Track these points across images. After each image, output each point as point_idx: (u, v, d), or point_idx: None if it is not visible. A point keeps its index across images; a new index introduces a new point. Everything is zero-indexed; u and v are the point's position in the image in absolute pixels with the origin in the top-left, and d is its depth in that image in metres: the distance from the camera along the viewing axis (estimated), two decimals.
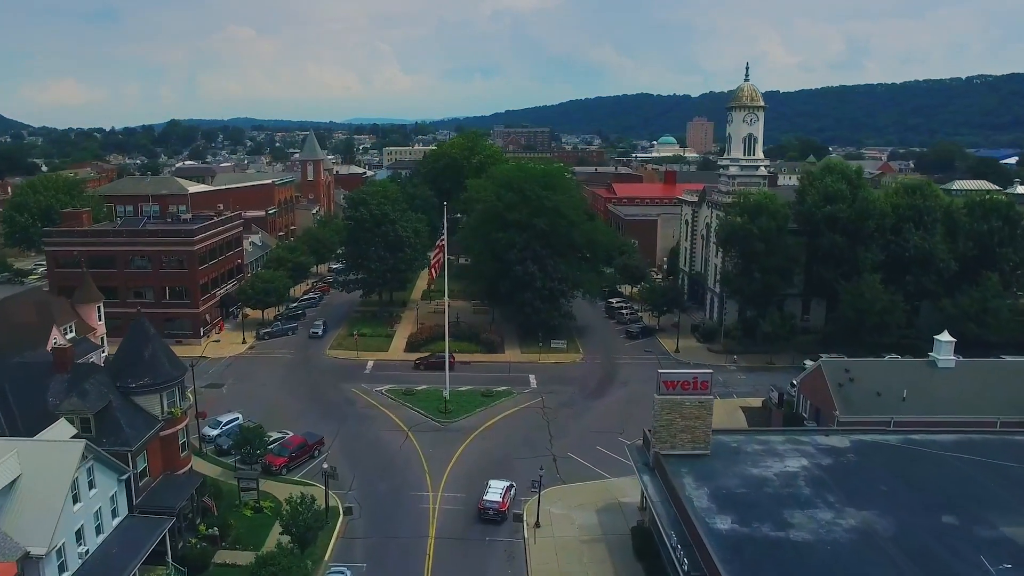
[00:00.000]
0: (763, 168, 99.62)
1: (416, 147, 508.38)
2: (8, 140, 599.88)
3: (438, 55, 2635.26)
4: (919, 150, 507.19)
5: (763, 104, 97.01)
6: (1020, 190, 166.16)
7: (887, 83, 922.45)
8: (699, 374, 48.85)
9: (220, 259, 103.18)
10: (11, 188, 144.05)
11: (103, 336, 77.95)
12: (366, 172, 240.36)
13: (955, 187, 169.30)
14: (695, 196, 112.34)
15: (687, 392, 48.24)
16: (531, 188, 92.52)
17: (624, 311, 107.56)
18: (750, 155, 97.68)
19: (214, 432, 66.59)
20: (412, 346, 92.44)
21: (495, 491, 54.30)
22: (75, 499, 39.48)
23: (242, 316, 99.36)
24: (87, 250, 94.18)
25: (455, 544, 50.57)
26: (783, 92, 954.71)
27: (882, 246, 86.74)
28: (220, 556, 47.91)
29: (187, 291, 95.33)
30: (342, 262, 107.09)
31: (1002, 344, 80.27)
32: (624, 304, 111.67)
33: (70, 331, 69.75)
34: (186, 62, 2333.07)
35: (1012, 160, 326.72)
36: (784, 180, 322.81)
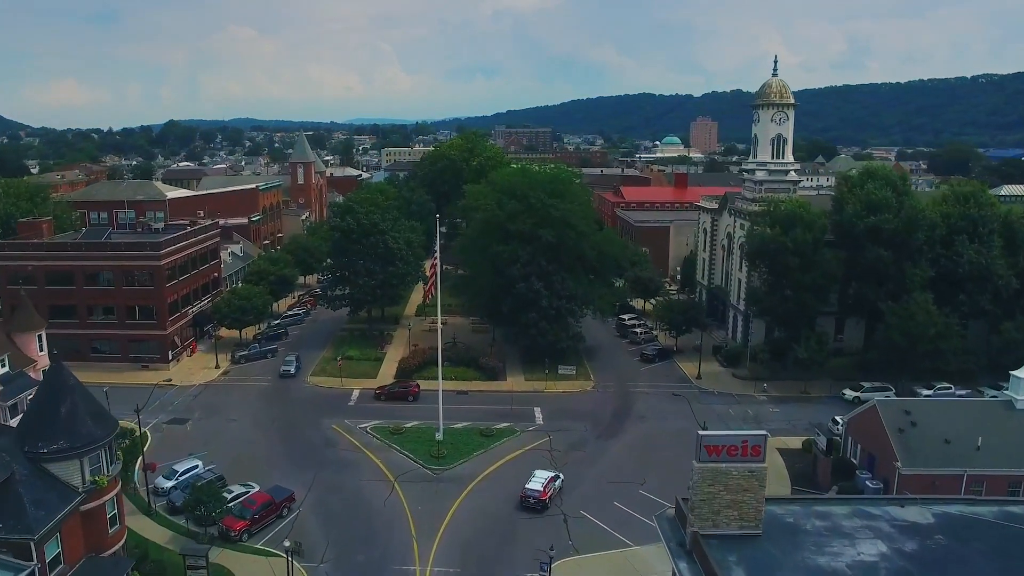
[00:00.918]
0: (793, 172, 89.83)
1: (416, 147, 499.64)
2: (5, 141, 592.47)
3: (439, 55, 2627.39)
4: (927, 150, 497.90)
5: (793, 101, 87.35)
6: None
7: (891, 82, 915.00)
8: (749, 437, 38.99)
9: (193, 273, 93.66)
10: None
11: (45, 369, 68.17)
12: (361, 174, 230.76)
13: (1003, 192, 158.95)
14: (714, 202, 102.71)
15: (735, 459, 38.55)
16: (536, 196, 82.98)
17: (638, 329, 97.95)
18: (779, 158, 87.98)
19: (168, 484, 57.05)
20: (403, 372, 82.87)
21: (538, 480, 55.74)
22: None
23: (215, 338, 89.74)
24: (43, 265, 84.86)
25: None
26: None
27: (931, 261, 77.20)
28: None
29: (154, 310, 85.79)
30: (326, 275, 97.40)
31: None
32: (637, 321, 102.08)
33: (3, 365, 60.18)
34: (187, 62, 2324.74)
35: None
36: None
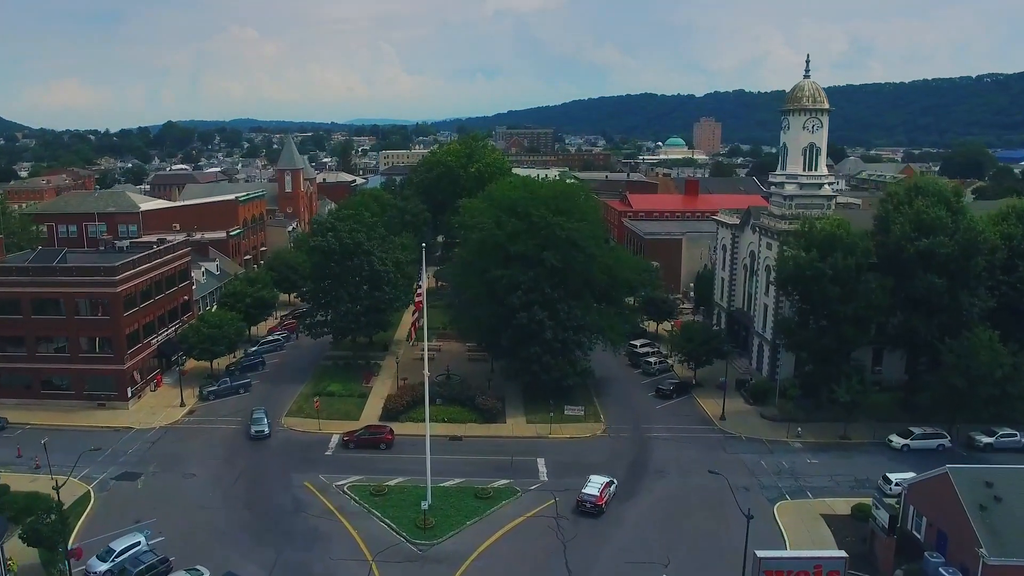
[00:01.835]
0: (827, 186, 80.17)
1: (416, 149, 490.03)
2: (1, 143, 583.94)
3: (440, 55, 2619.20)
4: (935, 151, 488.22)
5: (828, 106, 77.84)
6: None
7: (894, 82, 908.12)
8: (823, 560, 29.92)
9: (158, 298, 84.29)
10: None
11: None
12: (355, 180, 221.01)
13: None
14: (735, 216, 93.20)
15: None
16: (539, 213, 73.54)
17: (652, 359, 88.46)
18: (811, 170, 78.37)
19: (101, 568, 47.76)
20: (389, 413, 73.50)
21: (594, 484, 56.65)
22: None
23: (180, 373, 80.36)
24: None
25: None
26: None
27: (990, 289, 67.81)
28: None
29: (110, 342, 76.47)
30: (304, 300, 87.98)
31: None
32: (651, 349, 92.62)
33: None
34: (188, 63, 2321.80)
35: None
36: None
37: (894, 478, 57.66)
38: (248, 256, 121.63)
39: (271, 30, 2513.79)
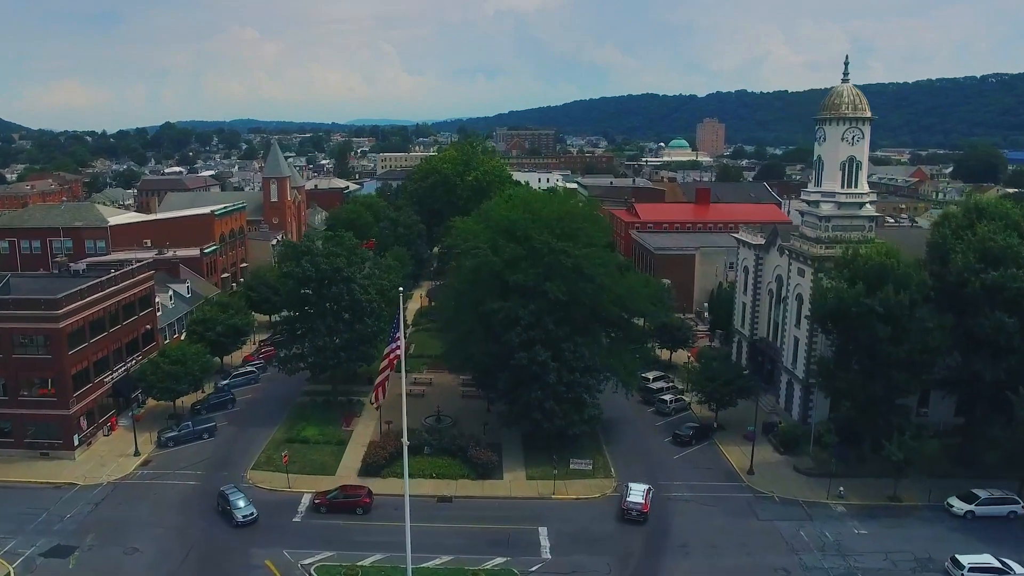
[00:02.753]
0: (869, 206, 70.64)
1: (417, 150, 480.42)
2: None
3: (441, 56, 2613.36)
4: (941, 152, 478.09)
5: (870, 114, 68.30)
6: None
7: (897, 82, 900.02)
8: None
9: (115, 330, 75.04)
10: None
11: None
12: (348, 187, 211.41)
13: None
14: (759, 235, 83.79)
15: None
16: (542, 238, 64.22)
17: (667, 396, 79.12)
18: (850, 187, 68.75)
19: None
20: (370, 468, 64.11)
21: (637, 492, 56.88)
22: None
23: (133, 418, 71.04)
24: None
25: None
26: (792, 92, 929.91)
27: None
28: None
29: (53, 383, 67.23)
30: (277, 332, 78.75)
31: None
32: (665, 384, 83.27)
33: None
34: (189, 63, 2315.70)
35: None
36: None
37: (967, 562, 48.38)
38: (226, 274, 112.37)
39: (271, 30, 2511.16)
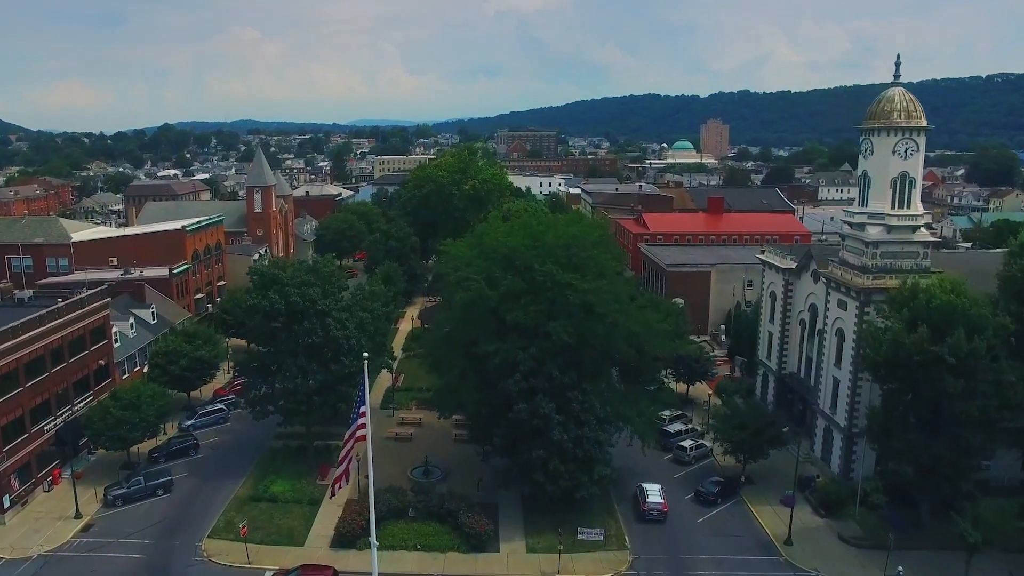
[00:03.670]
0: (924, 230, 61.01)
1: (417, 152, 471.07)
2: None
3: (442, 56, 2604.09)
4: (949, 153, 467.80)
5: (925, 123, 58.97)
6: None
7: (902, 82, 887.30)
8: None
9: (58, 369, 65.92)
10: None
11: None
12: (340, 193, 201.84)
13: None
14: (790, 258, 74.49)
15: None
16: (545, 267, 55.03)
17: (686, 443, 69.80)
18: (902, 207, 59.31)
19: None
20: (344, 538, 54.82)
21: (656, 492, 58.23)
22: None
23: (73, 476, 61.84)
24: None
25: None
26: (795, 92, 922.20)
27: None
28: None
29: None
30: (242, 372, 69.43)
31: None
32: (684, 425, 74.03)
33: None
34: (190, 64, 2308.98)
35: None
36: (823, 194, 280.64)
37: None
38: (200, 295, 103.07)
39: (273, 30, 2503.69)
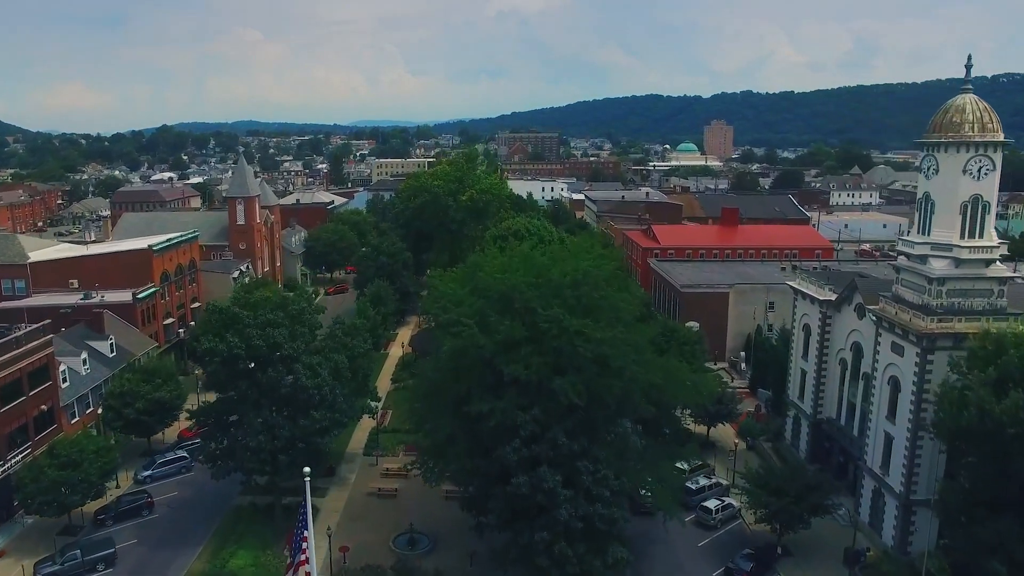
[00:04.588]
0: (999, 263, 51.85)
1: (417, 154, 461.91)
2: None
3: (443, 57, 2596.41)
4: None
5: (1003, 136, 49.87)
6: None
7: (906, 82, 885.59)
8: None
9: None
10: None
11: None
12: (332, 201, 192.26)
13: None
14: (828, 288, 65.35)
15: None
16: (550, 313, 45.89)
17: (711, 504, 60.57)
18: (973, 237, 50.18)
19: None
20: None
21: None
22: None
23: None
24: None
25: None
26: (798, 92, 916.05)
27: None
28: None
29: None
30: (198, 424, 60.55)
31: None
32: (707, 478, 64.78)
33: None
34: (192, 65, 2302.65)
35: None
36: (835, 199, 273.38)
37: None
38: (171, 319, 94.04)
39: (275, 31, 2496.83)
